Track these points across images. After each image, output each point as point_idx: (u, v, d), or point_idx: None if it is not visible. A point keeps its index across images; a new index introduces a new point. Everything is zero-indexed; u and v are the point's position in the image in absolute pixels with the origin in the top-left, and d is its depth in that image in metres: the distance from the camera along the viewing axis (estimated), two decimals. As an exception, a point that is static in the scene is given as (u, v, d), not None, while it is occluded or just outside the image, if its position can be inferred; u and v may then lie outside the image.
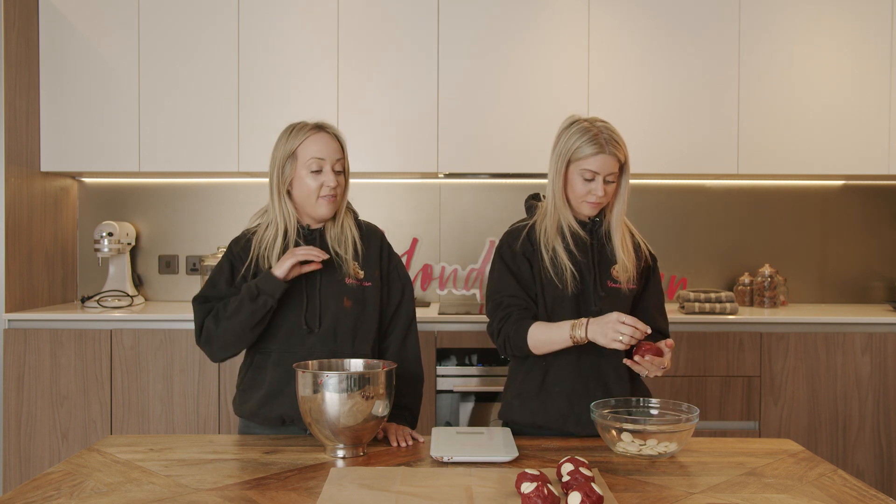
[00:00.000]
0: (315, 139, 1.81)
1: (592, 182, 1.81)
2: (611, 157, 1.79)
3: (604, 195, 1.81)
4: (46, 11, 3.22)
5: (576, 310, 1.84)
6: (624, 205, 1.88)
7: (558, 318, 1.84)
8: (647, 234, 3.54)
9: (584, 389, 1.83)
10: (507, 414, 1.91)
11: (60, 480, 1.44)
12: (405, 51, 3.23)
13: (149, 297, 3.58)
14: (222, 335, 1.78)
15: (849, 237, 3.62)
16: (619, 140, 1.81)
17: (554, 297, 1.85)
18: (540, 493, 1.26)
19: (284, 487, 1.41)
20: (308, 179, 1.79)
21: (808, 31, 3.26)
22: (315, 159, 1.79)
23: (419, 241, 3.57)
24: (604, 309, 1.81)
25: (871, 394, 3.03)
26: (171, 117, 3.23)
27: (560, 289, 1.83)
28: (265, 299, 1.73)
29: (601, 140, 1.79)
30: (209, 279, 1.86)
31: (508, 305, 1.84)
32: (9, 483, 2.99)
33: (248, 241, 1.86)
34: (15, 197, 3.11)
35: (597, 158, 1.79)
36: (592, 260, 1.86)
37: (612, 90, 3.25)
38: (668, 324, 1.99)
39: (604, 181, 1.81)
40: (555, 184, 1.85)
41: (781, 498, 1.36)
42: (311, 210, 1.82)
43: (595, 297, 1.84)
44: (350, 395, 1.54)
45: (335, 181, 1.80)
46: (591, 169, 1.79)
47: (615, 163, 1.81)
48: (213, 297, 1.83)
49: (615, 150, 1.80)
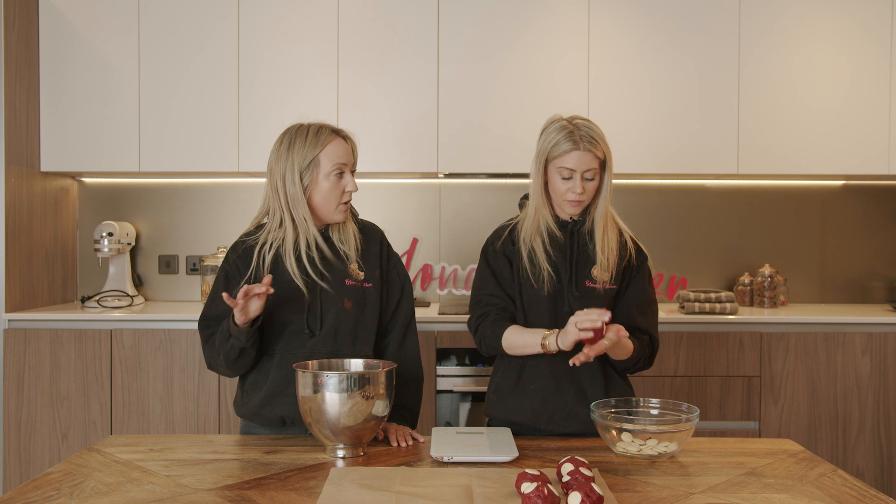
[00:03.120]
0: (336, 144, 1.80)
1: (570, 180, 1.80)
2: (587, 153, 1.78)
3: (583, 192, 1.80)
4: (46, 11, 3.22)
5: (552, 309, 1.85)
6: (607, 203, 1.85)
7: (534, 316, 1.85)
8: (647, 234, 3.57)
9: (556, 388, 1.84)
10: (487, 409, 1.95)
11: (60, 480, 1.44)
12: (405, 50, 3.23)
13: (149, 297, 3.58)
14: (219, 365, 1.82)
15: (849, 237, 3.62)
16: (597, 137, 1.79)
17: (530, 297, 1.86)
18: (540, 493, 1.26)
19: (284, 487, 1.41)
20: (329, 186, 1.78)
21: (807, 31, 3.26)
22: (339, 164, 1.79)
23: (419, 241, 3.57)
24: (577, 309, 1.77)
25: (871, 394, 3.03)
26: (171, 117, 3.23)
27: (536, 288, 1.84)
28: (234, 342, 1.73)
29: (576, 137, 1.78)
30: (209, 295, 1.86)
31: (487, 304, 1.87)
32: (9, 483, 2.99)
33: (248, 250, 1.83)
34: (15, 197, 3.11)
35: (572, 155, 1.78)
36: (570, 260, 1.85)
37: (611, 91, 3.25)
38: (656, 322, 1.93)
39: (583, 179, 1.79)
40: (535, 183, 1.85)
41: (781, 498, 1.36)
42: (328, 215, 1.81)
43: (569, 297, 1.84)
44: (350, 395, 1.54)
45: (355, 186, 1.81)
46: (567, 166, 1.78)
47: (592, 159, 1.79)
48: (213, 316, 1.82)
49: (591, 147, 1.78)
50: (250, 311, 1.67)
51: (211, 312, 1.83)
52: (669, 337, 3.02)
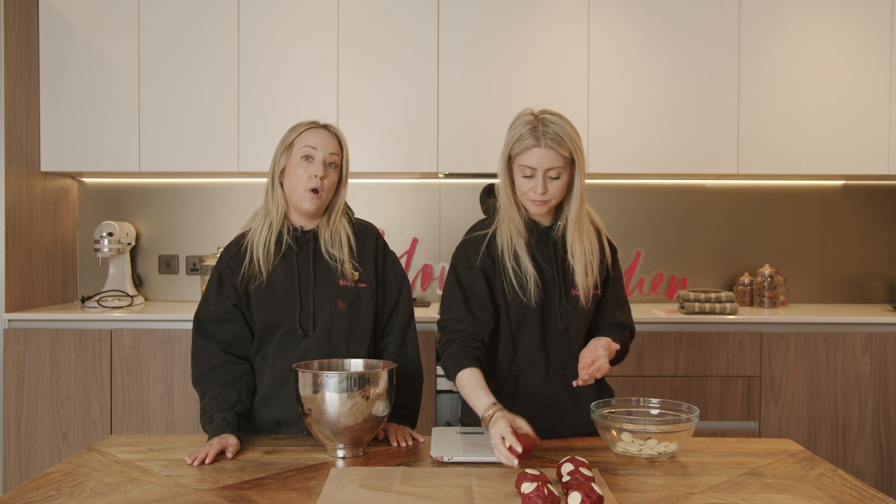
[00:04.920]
0: (313, 132, 1.81)
1: (532, 179, 1.68)
2: (549, 150, 1.65)
3: (545, 192, 1.68)
4: (46, 11, 3.22)
5: (541, 322, 1.76)
6: (580, 205, 1.73)
7: (523, 336, 1.77)
8: (648, 234, 3.57)
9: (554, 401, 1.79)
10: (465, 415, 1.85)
11: (60, 480, 1.44)
12: (404, 49, 3.23)
13: (149, 297, 3.58)
14: None
15: (849, 237, 3.62)
16: (562, 134, 1.66)
17: (518, 311, 1.76)
18: (540, 493, 1.26)
19: (284, 487, 1.41)
20: (298, 169, 1.78)
21: (807, 31, 3.26)
22: (307, 147, 1.79)
23: (419, 241, 3.57)
24: (570, 325, 1.75)
25: (871, 394, 3.03)
26: (171, 117, 3.23)
27: (525, 301, 1.74)
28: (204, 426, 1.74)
29: (539, 132, 1.66)
30: (203, 296, 1.86)
31: (453, 331, 1.73)
32: (9, 483, 2.99)
33: (241, 248, 1.84)
34: (15, 197, 3.11)
35: (532, 153, 1.66)
36: (555, 268, 1.76)
37: (611, 91, 3.25)
38: (630, 311, 1.88)
39: (547, 178, 1.68)
40: (502, 183, 1.74)
41: (781, 498, 1.36)
42: (297, 202, 1.80)
43: (562, 310, 1.76)
44: (350, 395, 1.54)
45: (322, 171, 1.78)
46: (529, 164, 1.67)
47: (556, 157, 1.66)
48: (206, 318, 1.82)
49: (554, 145, 1.65)
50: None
51: (204, 314, 1.83)
52: (669, 337, 3.02)
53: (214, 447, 1.58)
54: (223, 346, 1.81)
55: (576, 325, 1.79)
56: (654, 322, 3.03)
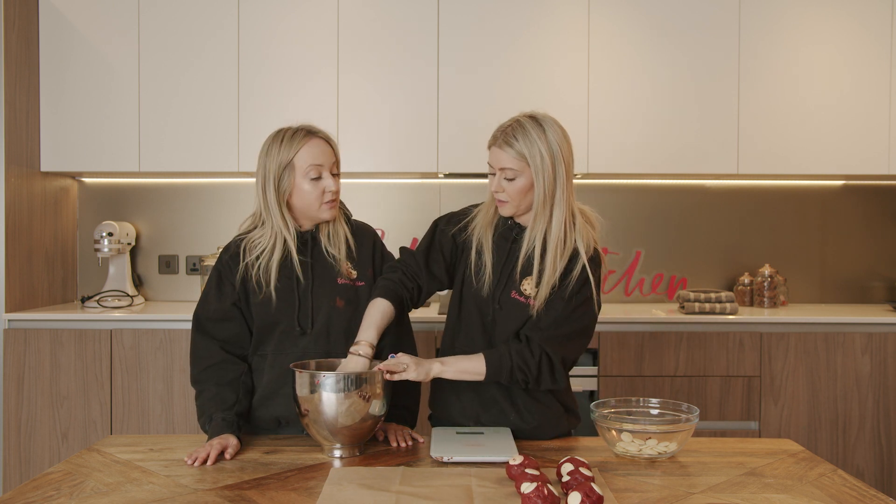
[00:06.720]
0: (311, 146, 1.78)
1: (494, 176, 1.72)
2: (500, 151, 1.68)
3: (499, 191, 1.70)
4: (46, 11, 3.22)
5: (480, 312, 1.77)
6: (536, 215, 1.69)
7: (466, 314, 1.80)
8: (648, 234, 3.57)
9: (490, 394, 1.78)
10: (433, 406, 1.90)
11: (60, 480, 1.44)
12: (404, 49, 3.23)
13: (149, 297, 3.58)
14: None
15: (849, 237, 3.62)
16: (519, 136, 1.66)
17: (469, 293, 1.79)
18: (540, 493, 1.26)
19: (284, 487, 1.41)
20: (309, 188, 1.78)
21: (807, 31, 3.26)
22: (314, 166, 1.77)
23: (419, 241, 3.56)
24: (499, 321, 1.75)
25: (871, 394, 3.03)
26: (171, 117, 3.23)
27: (476, 287, 1.77)
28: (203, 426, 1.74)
29: (499, 132, 1.70)
30: (202, 294, 1.86)
31: (402, 263, 1.84)
32: (9, 483, 2.99)
33: (241, 250, 1.83)
34: (15, 197, 3.11)
35: (490, 151, 1.72)
36: (504, 265, 1.76)
37: (611, 91, 3.25)
38: (564, 342, 1.70)
39: (503, 178, 1.69)
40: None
41: (781, 498, 1.36)
42: (314, 215, 1.81)
43: (494, 306, 1.75)
44: (347, 394, 1.54)
45: (336, 186, 1.80)
46: (489, 161, 1.73)
47: (507, 159, 1.67)
48: (205, 317, 1.82)
49: (505, 145, 1.67)
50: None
51: (204, 312, 1.83)
52: (669, 337, 3.02)
53: (215, 447, 1.59)
54: (222, 344, 1.81)
55: (502, 326, 1.75)
56: (654, 322, 3.02)
